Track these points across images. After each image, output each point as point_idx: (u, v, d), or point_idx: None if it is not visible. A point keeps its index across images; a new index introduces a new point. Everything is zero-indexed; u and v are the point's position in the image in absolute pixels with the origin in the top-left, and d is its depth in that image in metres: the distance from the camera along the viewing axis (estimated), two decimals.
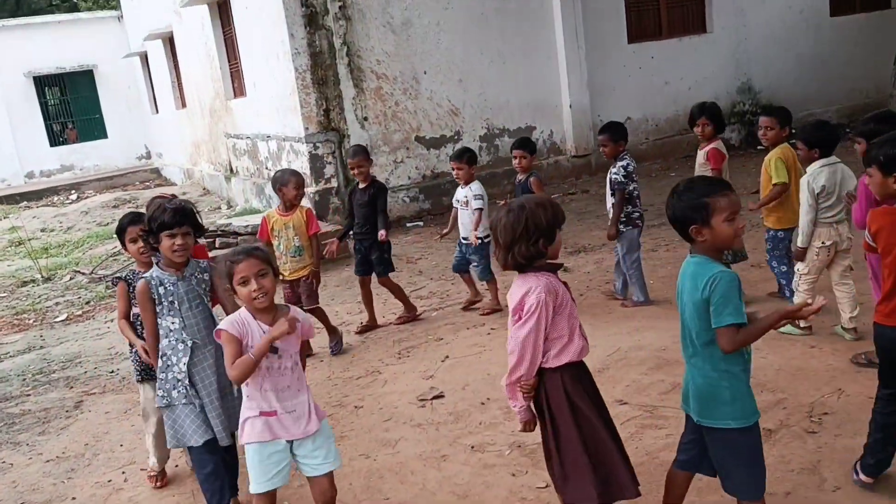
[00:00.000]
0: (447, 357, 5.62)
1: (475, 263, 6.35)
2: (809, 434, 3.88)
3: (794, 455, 3.71)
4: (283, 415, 3.12)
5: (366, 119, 10.51)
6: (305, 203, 10.55)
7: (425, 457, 4.23)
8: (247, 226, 8.58)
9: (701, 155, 6.05)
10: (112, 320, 7.97)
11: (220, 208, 14.44)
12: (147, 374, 4.09)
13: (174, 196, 4.36)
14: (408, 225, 10.53)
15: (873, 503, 3.26)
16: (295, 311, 3.23)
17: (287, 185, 5.75)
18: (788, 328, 5.11)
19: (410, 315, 6.54)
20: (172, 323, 3.56)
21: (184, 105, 17.75)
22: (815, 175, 4.77)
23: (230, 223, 9.22)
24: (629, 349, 5.23)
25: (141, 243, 3.89)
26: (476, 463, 4.08)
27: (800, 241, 4.94)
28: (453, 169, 6.45)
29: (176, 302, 3.55)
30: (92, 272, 10.31)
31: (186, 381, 3.52)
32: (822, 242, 4.87)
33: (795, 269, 5.10)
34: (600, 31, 11.82)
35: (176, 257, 3.52)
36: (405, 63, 10.68)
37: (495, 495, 3.75)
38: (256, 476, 3.16)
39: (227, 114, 13.99)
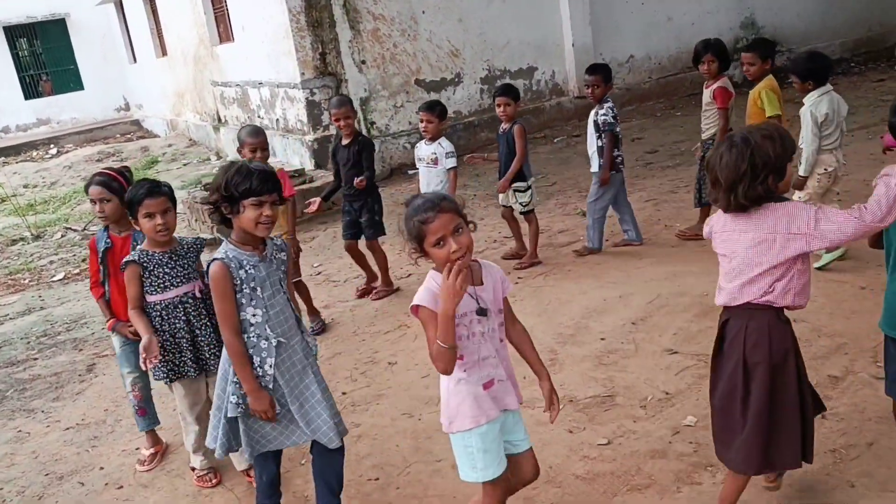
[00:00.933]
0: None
1: None
2: (879, 380, 3.70)
3: (867, 403, 3.55)
4: (497, 384, 2.64)
5: (363, 62, 10.10)
6: (301, 153, 10.22)
7: None
8: None
9: (707, 94, 5.91)
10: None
11: (209, 159, 14.01)
12: (177, 372, 3.60)
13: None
14: (409, 172, 10.21)
15: None
16: (485, 265, 2.68)
17: (242, 147, 4.95)
18: (827, 256, 5.08)
19: (388, 290, 5.96)
20: (254, 315, 2.92)
21: (164, 53, 17.11)
22: (817, 104, 4.89)
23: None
24: (669, 295, 5.03)
25: (159, 219, 3.43)
26: (528, 419, 3.84)
27: (802, 170, 4.96)
28: (422, 121, 5.75)
29: (258, 288, 2.91)
30: (84, 228, 9.95)
31: (271, 386, 2.96)
32: (825, 169, 4.96)
33: (795, 197, 4.99)
34: None
35: (261, 231, 2.87)
36: (403, 3, 10.22)
37: (555, 453, 3.58)
38: (487, 462, 2.64)
39: (212, 60, 13.46)
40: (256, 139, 4.94)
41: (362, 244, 5.91)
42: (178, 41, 15.21)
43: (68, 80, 23.43)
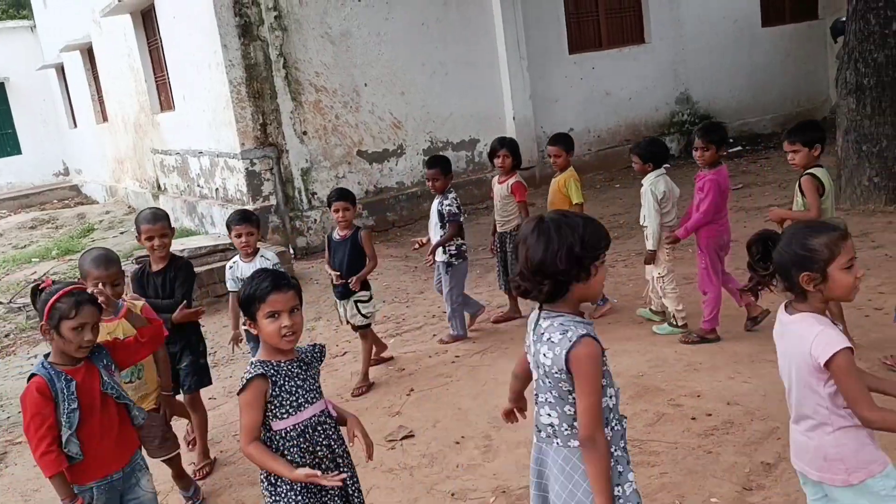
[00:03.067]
0: (412, 390, 5.26)
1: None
2: None
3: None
4: None
5: (305, 133, 10.07)
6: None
7: None
8: (182, 249, 8.01)
9: (504, 188, 6.09)
10: (34, 356, 7.33)
11: None
12: None
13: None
14: None
15: None
16: None
17: (85, 278, 3.72)
18: (665, 327, 5.54)
19: (205, 466, 4.59)
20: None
21: (105, 119, 16.90)
22: (655, 183, 5.37)
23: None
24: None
25: (286, 320, 2.67)
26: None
27: (651, 245, 5.39)
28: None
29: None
30: (10, 301, 9.56)
31: None
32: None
33: (656, 273, 5.46)
34: (542, 41, 11.68)
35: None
36: (345, 75, 10.29)
37: None
38: None
39: (153, 128, 13.32)
40: (96, 270, 3.70)
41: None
42: (119, 108, 15.05)
43: (5, 143, 22.96)
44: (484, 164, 11.55)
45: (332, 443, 2.80)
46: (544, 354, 2.30)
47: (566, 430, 2.33)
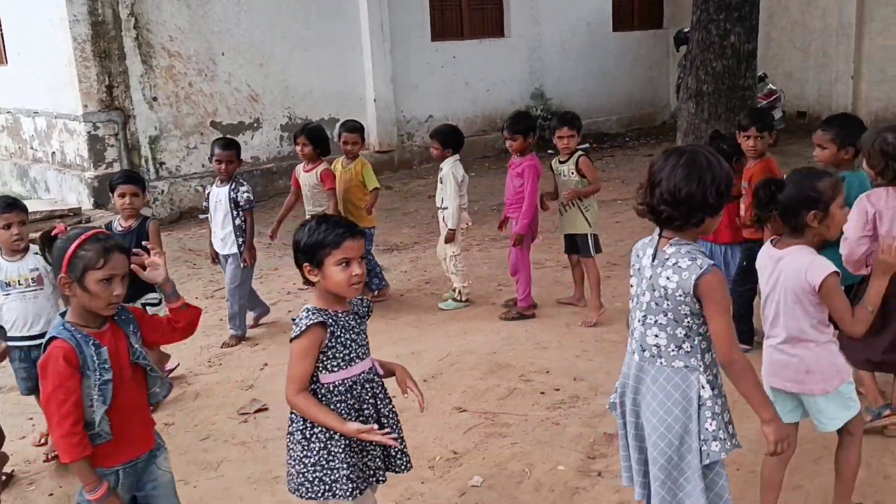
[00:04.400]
0: (266, 364, 5.17)
1: None
2: None
3: None
4: None
5: (155, 99, 9.57)
6: (78, 190, 9.44)
7: (254, 479, 3.81)
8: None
9: (312, 176, 6.09)
10: None
11: None
12: (366, 479, 2.69)
13: None
14: (201, 217, 9.74)
15: None
16: None
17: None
18: (451, 303, 5.99)
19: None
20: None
21: None
22: (456, 167, 5.77)
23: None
24: (460, 353, 5.10)
25: (356, 268, 2.57)
26: None
27: (451, 224, 5.76)
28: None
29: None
30: None
31: None
32: (466, 224, 5.98)
33: (450, 252, 5.88)
34: (405, 26, 11.70)
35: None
36: (201, 42, 9.86)
37: None
38: None
39: None
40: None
41: None
42: None
43: None
44: None
45: (379, 402, 2.71)
46: (668, 278, 2.41)
47: (672, 350, 2.46)
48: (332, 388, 2.59)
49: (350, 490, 2.56)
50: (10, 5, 10.46)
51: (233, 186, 5.43)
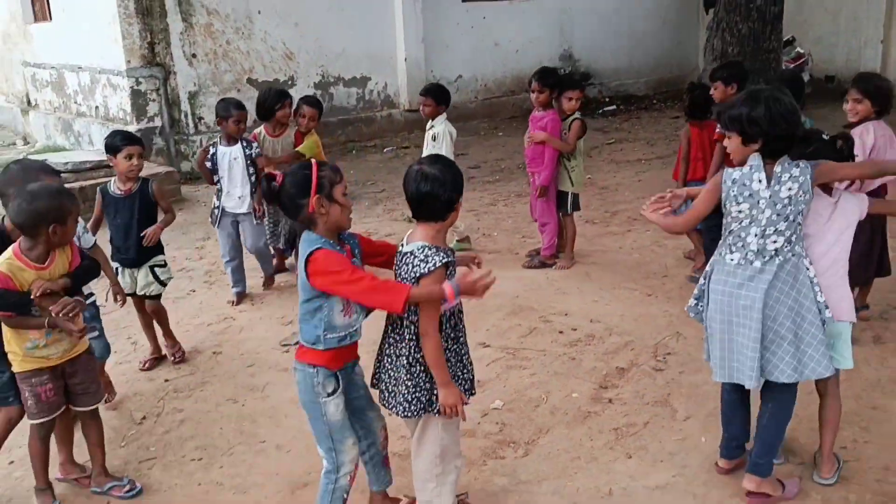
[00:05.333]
0: None
1: None
2: (657, 371, 4.28)
3: (646, 390, 4.08)
4: None
5: (194, 56, 9.91)
6: None
7: (297, 400, 4.18)
8: (66, 163, 7.83)
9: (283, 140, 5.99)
10: None
11: (14, 144, 13.06)
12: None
13: None
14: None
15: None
16: None
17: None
18: (456, 244, 6.14)
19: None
20: None
21: None
22: (447, 124, 6.01)
23: (45, 159, 8.31)
24: (486, 297, 5.42)
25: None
26: None
27: None
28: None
29: None
30: None
31: None
32: None
33: None
34: None
35: None
36: (238, 0, 10.16)
37: None
38: None
39: (24, 40, 12.61)
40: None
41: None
42: None
43: None
44: (374, 102, 11.77)
45: (460, 333, 2.95)
46: (789, 188, 2.87)
47: (787, 247, 2.92)
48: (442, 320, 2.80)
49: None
50: None
51: (245, 144, 5.42)
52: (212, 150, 5.48)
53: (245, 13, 10.25)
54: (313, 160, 2.83)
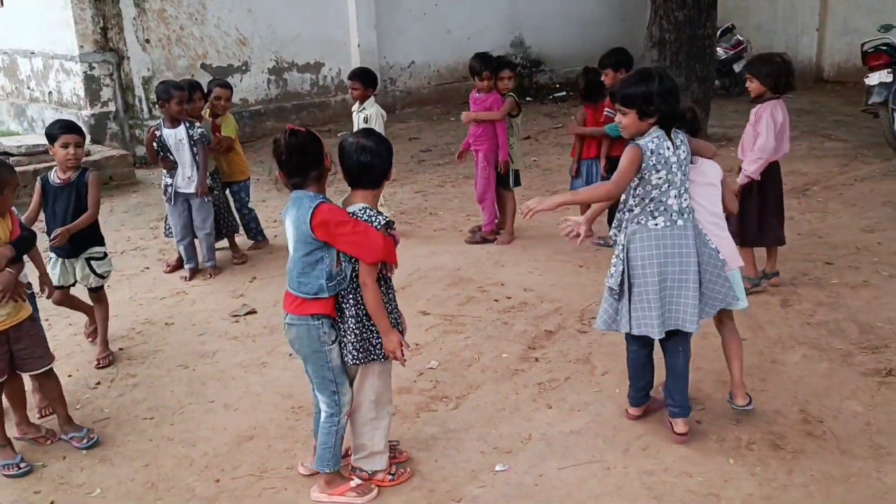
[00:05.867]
0: (254, 278, 5.80)
1: None
2: (581, 333, 4.62)
3: (570, 350, 4.42)
4: None
5: (148, 41, 10.02)
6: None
7: (245, 364, 4.46)
8: (20, 146, 7.93)
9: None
10: None
11: None
12: None
13: None
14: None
15: None
16: None
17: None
18: None
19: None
20: None
21: None
22: (376, 106, 6.30)
23: None
24: (427, 269, 5.74)
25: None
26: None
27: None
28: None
29: None
30: None
31: None
32: None
33: None
34: None
35: None
36: None
37: None
38: None
39: None
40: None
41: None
42: None
43: None
44: (328, 87, 11.97)
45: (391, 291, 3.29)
46: (684, 151, 3.28)
47: (690, 205, 3.34)
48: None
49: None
50: None
51: (188, 125, 5.57)
52: (157, 133, 5.66)
53: None
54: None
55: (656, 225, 3.28)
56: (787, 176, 7.70)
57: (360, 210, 3.05)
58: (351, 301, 3.10)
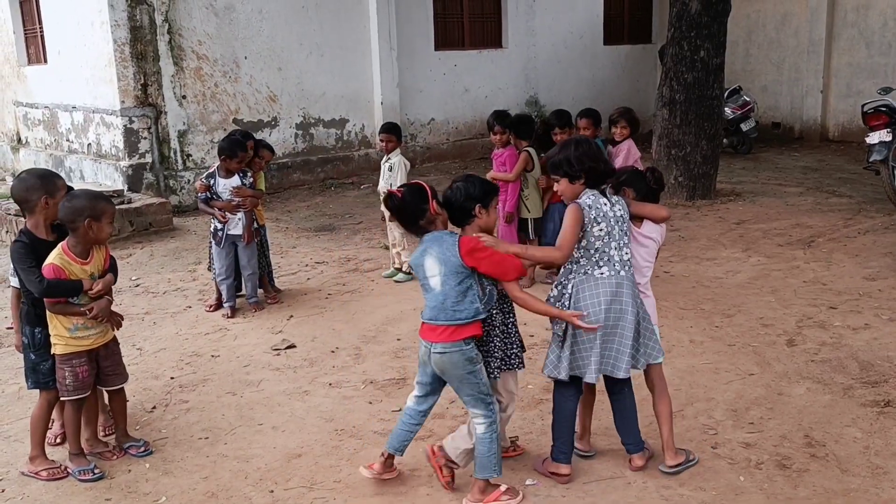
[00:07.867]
0: (291, 316, 6.18)
1: None
2: None
3: None
4: None
5: (184, 97, 10.61)
6: (114, 178, 10.45)
7: (289, 392, 4.82)
8: None
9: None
10: None
11: (4, 179, 13.59)
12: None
13: None
14: (201, 207, 10.76)
15: None
16: None
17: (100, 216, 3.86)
18: (402, 276, 6.95)
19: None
20: None
21: None
22: (402, 157, 6.90)
23: None
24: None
25: None
26: (336, 395, 4.74)
27: None
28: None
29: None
30: None
31: None
32: None
33: (399, 232, 6.84)
34: (411, 36, 12.77)
35: None
36: (226, 47, 10.91)
37: (357, 418, 4.44)
38: None
39: (18, 81, 13.25)
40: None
41: None
42: None
43: None
44: (352, 142, 12.53)
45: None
46: (620, 208, 3.57)
47: (630, 258, 3.61)
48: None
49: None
50: (52, 10, 11.53)
51: (241, 175, 6.14)
52: (211, 182, 6.16)
53: (232, 58, 11.00)
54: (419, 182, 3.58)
55: (602, 274, 3.51)
56: (794, 228, 8.17)
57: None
58: (495, 319, 3.52)
